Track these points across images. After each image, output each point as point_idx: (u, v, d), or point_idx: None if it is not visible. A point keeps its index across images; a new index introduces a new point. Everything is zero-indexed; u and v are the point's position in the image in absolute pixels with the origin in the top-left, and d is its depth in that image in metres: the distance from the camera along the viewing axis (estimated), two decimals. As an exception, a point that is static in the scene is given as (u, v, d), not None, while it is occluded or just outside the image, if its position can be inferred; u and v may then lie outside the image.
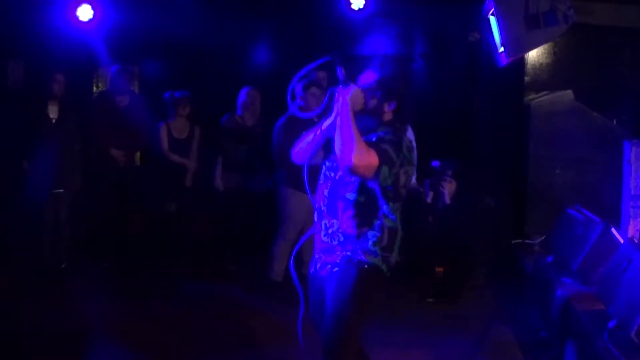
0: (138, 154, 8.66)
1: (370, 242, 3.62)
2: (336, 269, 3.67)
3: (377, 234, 3.63)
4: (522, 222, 7.46)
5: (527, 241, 7.23)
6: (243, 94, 7.96)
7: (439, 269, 7.42)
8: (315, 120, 4.13)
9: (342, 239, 3.66)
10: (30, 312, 6.52)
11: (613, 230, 5.77)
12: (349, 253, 3.64)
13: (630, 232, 6.55)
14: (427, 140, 6.05)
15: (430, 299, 7.18)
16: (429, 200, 5.67)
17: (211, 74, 8.81)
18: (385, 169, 3.50)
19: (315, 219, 3.85)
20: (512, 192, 7.91)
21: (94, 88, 9.40)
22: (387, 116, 3.76)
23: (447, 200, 5.48)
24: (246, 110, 7.94)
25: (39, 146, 7.41)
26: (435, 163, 5.86)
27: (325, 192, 3.76)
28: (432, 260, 7.42)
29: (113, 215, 8.08)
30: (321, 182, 3.84)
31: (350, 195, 3.65)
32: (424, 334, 6.19)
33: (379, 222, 3.64)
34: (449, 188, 5.48)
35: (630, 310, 4.42)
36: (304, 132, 7.09)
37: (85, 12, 8.09)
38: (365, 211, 3.64)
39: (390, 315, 6.27)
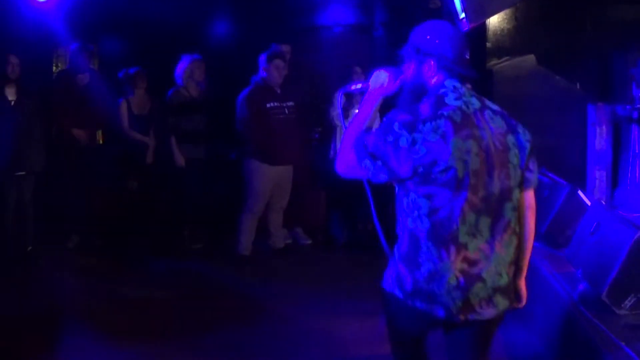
0: (100, 133, 8.54)
1: (394, 253, 3.04)
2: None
3: (399, 241, 3.01)
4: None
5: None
6: (183, 64, 7.83)
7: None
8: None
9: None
10: None
11: (580, 192, 5.79)
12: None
13: (596, 194, 6.59)
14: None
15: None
16: None
17: (169, 50, 8.70)
18: (366, 162, 2.90)
19: None
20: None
21: (54, 68, 9.25)
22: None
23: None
24: (189, 80, 7.82)
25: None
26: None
27: None
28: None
29: (77, 195, 7.95)
30: None
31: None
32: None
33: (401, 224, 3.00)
34: None
35: (599, 273, 4.45)
36: (268, 104, 7.13)
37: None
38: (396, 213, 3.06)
39: (357, 285, 6.28)
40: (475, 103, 2.94)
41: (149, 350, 5.23)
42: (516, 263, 3.03)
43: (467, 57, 3.04)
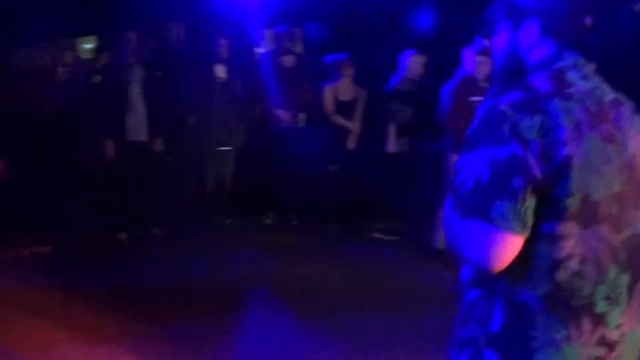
0: (303, 115, 8.72)
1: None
2: None
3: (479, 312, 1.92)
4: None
5: None
6: (405, 59, 7.89)
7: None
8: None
9: None
10: (190, 266, 6.78)
11: None
12: None
13: None
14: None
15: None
16: None
17: (371, 38, 8.73)
18: None
19: None
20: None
21: (257, 49, 9.52)
22: None
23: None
24: (407, 75, 7.87)
25: (205, 105, 7.54)
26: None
27: None
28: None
29: (275, 175, 8.16)
30: None
31: None
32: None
33: None
34: None
35: None
36: (472, 97, 7.03)
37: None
38: None
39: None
40: (608, 92, 1.91)
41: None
42: None
43: (589, 22, 1.94)
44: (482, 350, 1.85)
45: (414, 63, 7.87)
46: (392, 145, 7.89)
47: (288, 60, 8.16)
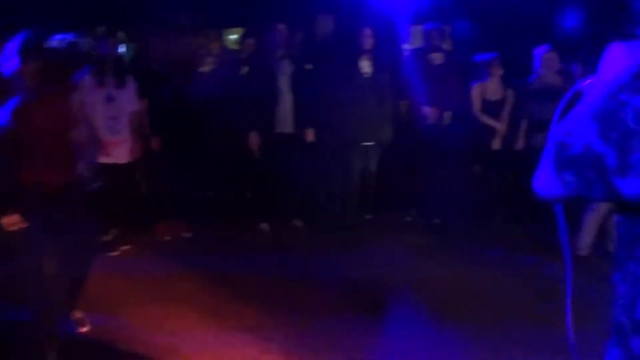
0: (449, 113, 8.61)
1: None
2: None
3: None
4: None
5: None
6: (538, 55, 7.70)
7: None
8: None
9: None
10: (327, 260, 6.82)
11: None
12: None
13: None
14: None
15: None
16: None
17: (521, 37, 8.52)
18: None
19: None
20: None
21: (407, 45, 9.45)
22: None
23: None
24: (543, 71, 7.66)
25: (351, 99, 7.54)
26: None
27: None
28: None
29: (418, 173, 8.10)
30: None
31: None
32: None
33: None
34: None
35: None
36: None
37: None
38: None
39: None
40: None
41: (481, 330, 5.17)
42: None
43: None
44: (628, 337, 1.67)
45: (547, 59, 7.66)
46: (521, 143, 7.77)
47: (437, 58, 8.06)
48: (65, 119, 4.52)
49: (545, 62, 7.69)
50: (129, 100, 7.06)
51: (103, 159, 6.25)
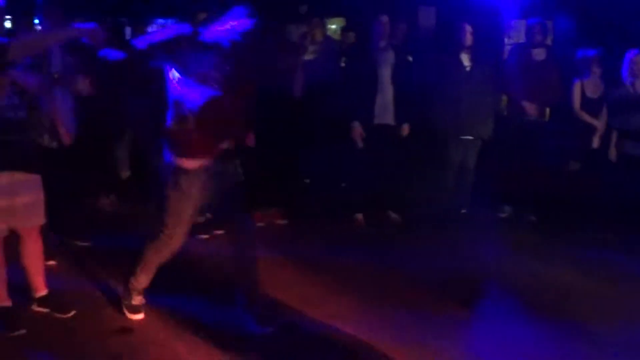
0: (548, 109, 8.52)
1: None
2: None
3: None
4: None
5: None
6: (627, 60, 7.54)
7: None
8: None
9: None
10: (420, 252, 6.87)
11: None
12: None
13: None
14: None
15: None
16: None
17: (623, 35, 8.37)
18: None
19: None
20: None
21: (506, 39, 9.39)
22: None
23: None
24: (633, 77, 7.51)
25: (451, 93, 7.51)
26: None
27: None
28: None
29: (515, 168, 8.02)
30: None
31: None
32: None
33: None
34: None
35: None
36: None
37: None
38: None
39: None
40: None
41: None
42: None
43: None
44: None
45: (633, 64, 7.50)
46: (613, 153, 7.68)
47: (539, 53, 7.96)
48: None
49: (633, 67, 7.53)
50: None
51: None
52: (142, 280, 5.01)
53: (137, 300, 5.06)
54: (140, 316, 5.03)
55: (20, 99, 4.66)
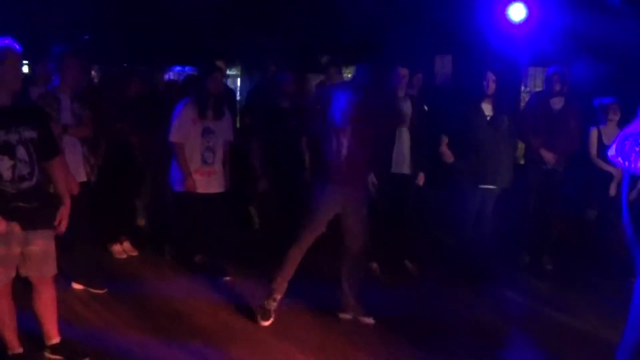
0: (565, 158, 8.49)
1: None
2: None
3: None
4: None
5: None
6: None
7: None
8: None
9: None
10: (436, 301, 6.82)
11: None
12: None
13: None
14: None
15: None
16: None
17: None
18: None
19: None
20: None
21: (522, 87, 9.38)
22: None
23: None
24: None
25: (472, 143, 7.45)
26: None
27: None
28: None
29: (531, 216, 7.97)
30: None
31: None
32: None
33: None
34: None
35: None
36: None
37: (517, 11, 8.08)
38: None
39: None
40: None
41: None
42: None
43: None
44: None
45: None
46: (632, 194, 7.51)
47: (557, 102, 7.95)
48: None
49: None
50: (225, 131, 7.22)
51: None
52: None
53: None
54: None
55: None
